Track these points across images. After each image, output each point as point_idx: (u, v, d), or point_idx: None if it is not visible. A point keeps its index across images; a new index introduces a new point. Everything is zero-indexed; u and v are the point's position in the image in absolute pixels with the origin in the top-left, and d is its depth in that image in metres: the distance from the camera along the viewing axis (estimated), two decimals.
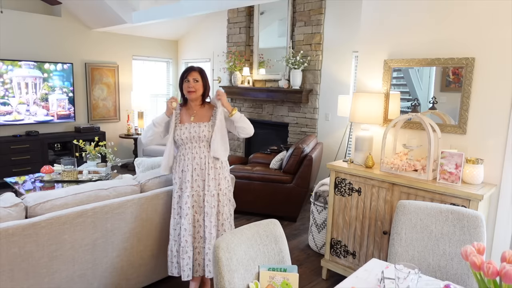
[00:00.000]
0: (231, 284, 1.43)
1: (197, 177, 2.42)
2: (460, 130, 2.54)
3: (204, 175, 2.42)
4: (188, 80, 2.39)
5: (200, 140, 2.41)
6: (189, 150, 2.43)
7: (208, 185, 2.41)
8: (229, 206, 2.53)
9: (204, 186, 2.42)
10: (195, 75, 2.39)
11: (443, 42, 2.58)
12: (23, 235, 1.98)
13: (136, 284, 2.58)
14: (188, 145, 2.43)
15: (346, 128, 4.75)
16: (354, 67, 4.78)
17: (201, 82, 2.41)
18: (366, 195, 2.67)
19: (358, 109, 2.82)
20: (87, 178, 3.67)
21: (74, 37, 5.98)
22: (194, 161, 2.41)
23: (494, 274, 1.11)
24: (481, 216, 1.78)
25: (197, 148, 2.42)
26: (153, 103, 7.18)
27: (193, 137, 2.41)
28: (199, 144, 2.42)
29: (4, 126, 5.32)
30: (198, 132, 2.40)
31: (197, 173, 2.42)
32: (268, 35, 5.69)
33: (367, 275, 1.62)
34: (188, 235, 2.40)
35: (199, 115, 2.46)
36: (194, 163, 2.42)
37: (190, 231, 2.40)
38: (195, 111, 2.47)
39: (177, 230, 2.47)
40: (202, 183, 2.42)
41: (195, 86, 2.39)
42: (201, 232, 2.44)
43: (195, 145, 2.42)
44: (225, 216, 2.47)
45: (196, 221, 2.43)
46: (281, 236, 1.70)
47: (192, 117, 2.45)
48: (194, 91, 2.39)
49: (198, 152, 2.42)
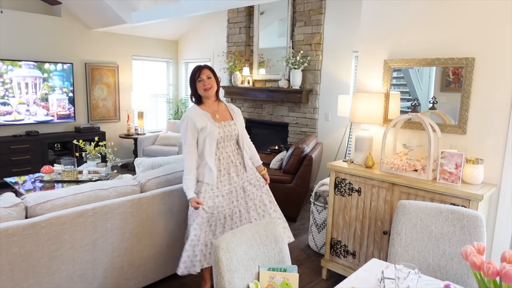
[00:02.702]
0: (231, 284, 1.43)
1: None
2: (460, 130, 2.54)
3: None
4: (201, 78, 2.40)
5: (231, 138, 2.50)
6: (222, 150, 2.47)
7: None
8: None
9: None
10: (207, 72, 2.41)
11: (443, 42, 2.58)
12: (23, 235, 1.98)
13: (136, 284, 2.58)
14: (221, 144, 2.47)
15: (346, 128, 4.75)
16: (354, 67, 4.78)
17: (213, 78, 2.44)
18: (366, 195, 2.67)
19: (358, 109, 2.82)
20: (87, 178, 3.67)
21: (74, 37, 5.98)
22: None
23: (494, 274, 1.11)
24: (481, 216, 1.78)
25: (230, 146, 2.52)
26: (153, 103, 7.18)
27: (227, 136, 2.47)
28: (230, 142, 2.51)
29: (4, 126, 5.32)
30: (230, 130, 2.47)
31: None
32: (268, 35, 5.69)
33: (367, 275, 1.62)
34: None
35: (221, 114, 2.51)
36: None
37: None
38: (215, 109, 2.49)
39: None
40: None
41: (210, 82, 2.41)
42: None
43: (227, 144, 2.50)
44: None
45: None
46: (281, 236, 1.70)
47: (217, 115, 2.48)
48: (210, 87, 2.41)
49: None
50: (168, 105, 7.49)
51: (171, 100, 7.48)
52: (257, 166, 2.66)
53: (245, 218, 2.50)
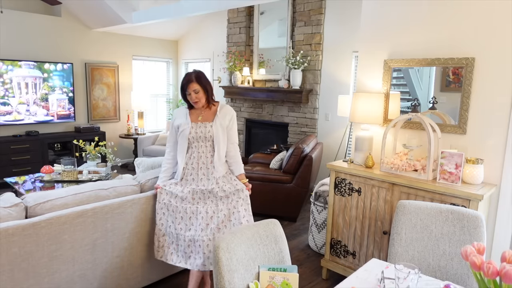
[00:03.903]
0: (231, 284, 1.43)
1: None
2: (460, 130, 2.54)
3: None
4: (189, 93, 2.41)
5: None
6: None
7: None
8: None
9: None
10: (194, 86, 2.39)
11: (443, 42, 2.58)
12: (23, 235, 1.98)
13: (136, 284, 2.58)
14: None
15: (346, 128, 4.75)
16: (354, 67, 4.78)
17: (201, 90, 2.41)
18: (366, 195, 2.67)
19: (358, 109, 2.82)
20: (87, 178, 3.67)
21: (74, 37, 5.98)
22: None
23: (494, 274, 1.11)
24: (481, 216, 1.78)
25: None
26: (153, 103, 7.18)
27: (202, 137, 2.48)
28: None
29: (4, 126, 5.32)
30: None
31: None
32: (268, 35, 5.69)
33: (367, 275, 1.62)
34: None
35: (205, 116, 2.50)
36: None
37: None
38: (202, 111, 2.50)
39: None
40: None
41: (197, 96, 2.41)
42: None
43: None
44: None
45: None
46: (281, 236, 1.70)
47: (200, 117, 2.49)
48: (198, 101, 2.43)
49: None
50: (168, 105, 7.49)
51: (171, 100, 7.48)
52: (237, 174, 2.54)
53: (213, 222, 2.40)
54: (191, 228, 2.41)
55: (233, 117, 2.53)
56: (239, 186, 2.46)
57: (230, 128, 2.51)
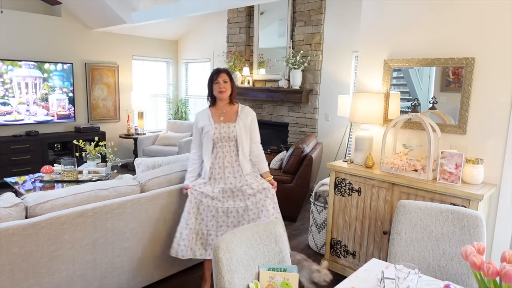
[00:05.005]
0: (231, 284, 1.43)
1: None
2: (460, 130, 2.54)
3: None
4: (218, 81, 2.51)
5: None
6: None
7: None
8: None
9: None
10: (224, 76, 2.52)
11: (443, 42, 2.58)
12: (23, 235, 1.98)
13: (136, 284, 2.58)
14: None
15: (346, 128, 4.75)
16: (354, 67, 4.78)
17: (229, 82, 2.54)
18: (366, 195, 2.67)
19: (358, 109, 2.82)
20: (87, 178, 3.67)
21: (74, 37, 5.98)
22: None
23: (494, 274, 1.11)
24: (481, 216, 1.78)
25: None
26: (153, 103, 7.18)
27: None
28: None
29: (4, 126, 5.31)
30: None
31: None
32: (268, 35, 5.69)
33: (367, 275, 1.62)
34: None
35: (227, 116, 2.57)
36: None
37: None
38: (224, 111, 2.57)
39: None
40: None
41: (225, 86, 2.52)
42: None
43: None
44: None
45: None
46: (281, 236, 1.70)
47: (221, 117, 2.56)
48: (224, 91, 2.52)
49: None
50: (168, 105, 7.49)
51: (171, 100, 7.48)
52: (262, 172, 2.66)
53: (245, 219, 2.52)
54: (222, 225, 2.50)
55: (254, 118, 2.65)
56: (266, 184, 2.56)
57: (252, 128, 2.61)
